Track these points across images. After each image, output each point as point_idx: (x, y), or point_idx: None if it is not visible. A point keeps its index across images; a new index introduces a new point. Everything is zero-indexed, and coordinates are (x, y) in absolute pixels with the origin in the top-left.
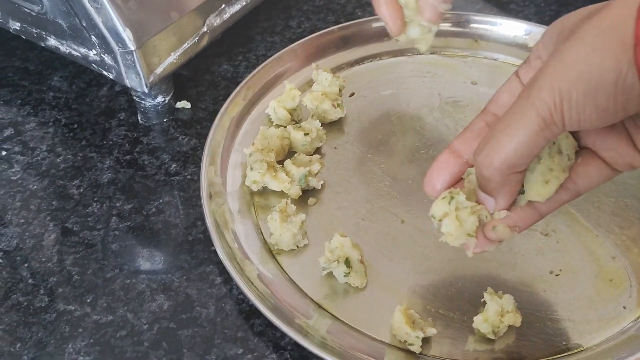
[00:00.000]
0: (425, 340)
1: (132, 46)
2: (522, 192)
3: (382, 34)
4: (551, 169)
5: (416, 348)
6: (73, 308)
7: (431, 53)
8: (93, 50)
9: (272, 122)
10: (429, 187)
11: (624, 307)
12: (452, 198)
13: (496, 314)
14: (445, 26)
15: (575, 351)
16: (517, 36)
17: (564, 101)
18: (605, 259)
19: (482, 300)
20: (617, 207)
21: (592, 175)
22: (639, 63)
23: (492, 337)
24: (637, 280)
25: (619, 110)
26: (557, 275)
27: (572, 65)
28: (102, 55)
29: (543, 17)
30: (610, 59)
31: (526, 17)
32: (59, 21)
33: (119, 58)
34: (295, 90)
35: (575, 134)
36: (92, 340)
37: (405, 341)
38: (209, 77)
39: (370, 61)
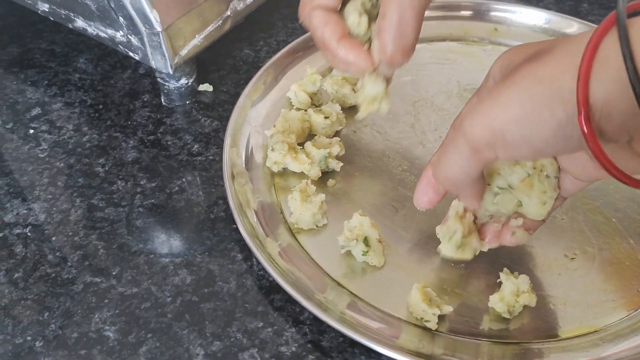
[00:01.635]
0: (441, 318)
1: (158, 27)
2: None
3: None
4: (544, 191)
5: (432, 325)
6: (99, 280)
7: (450, 40)
8: (120, 31)
9: (293, 105)
10: (418, 203)
11: (638, 291)
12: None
13: (512, 293)
14: (466, 14)
15: (588, 332)
16: (537, 25)
17: (497, 139)
18: (620, 243)
19: (497, 280)
20: (634, 193)
21: (568, 187)
22: (582, 125)
23: (507, 316)
24: None
25: (556, 151)
26: (572, 258)
27: (507, 107)
28: (129, 36)
29: (563, 6)
30: (547, 110)
31: (546, 7)
32: (88, 2)
33: (145, 39)
34: (316, 74)
35: None
36: (117, 311)
37: (421, 318)
38: (230, 62)
39: None
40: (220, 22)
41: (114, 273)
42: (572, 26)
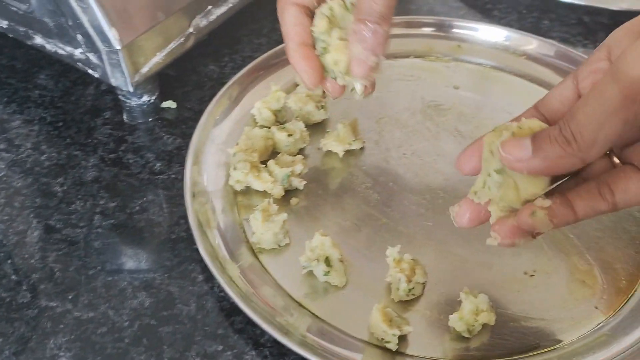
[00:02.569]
0: (402, 339)
1: (117, 45)
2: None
3: None
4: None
5: (392, 346)
6: (55, 304)
7: (415, 57)
8: (79, 49)
9: (257, 122)
10: (459, 166)
11: (596, 307)
12: None
13: (471, 312)
14: (429, 31)
15: (547, 349)
16: (498, 42)
17: None
18: (578, 261)
19: (458, 299)
20: None
21: (631, 190)
22: None
23: (467, 335)
24: (609, 282)
25: None
26: (531, 275)
27: None
28: (87, 54)
29: (524, 23)
30: None
31: (508, 24)
32: (46, 20)
33: (104, 57)
34: (280, 92)
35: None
36: (73, 336)
37: (382, 339)
38: (195, 78)
39: None
40: (183, 39)
41: (70, 297)
42: (532, 43)
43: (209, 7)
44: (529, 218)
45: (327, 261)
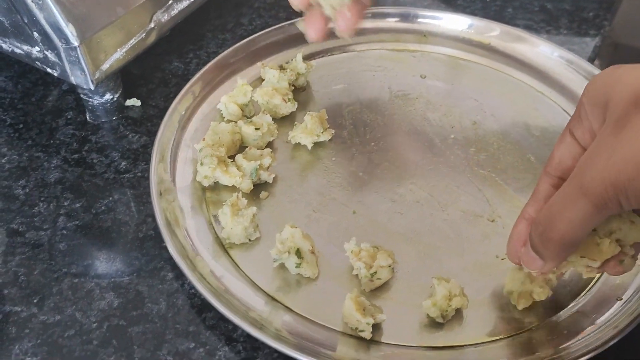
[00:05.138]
0: (376, 327)
1: (75, 42)
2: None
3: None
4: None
5: (367, 334)
6: (19, 309)
7: (382, 48)
8: (36, 47)
9: (224, 117)
10: (514, 258)
11: (567, 288)
12: None
13: (444, 298)
14: (394, 21)
15: (519, 332)
16: (463, 30)
17: (620, 195)
18: None
19: (430, 286)
20: None
21: None
22: None
23: (440, 320)
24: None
25: None
26: (502, 259)
27: (628, 161)
28: (45, 52)
29: (489, 12)
30: None
31: (472, 12)
32: (0, 18)
33: (62, 54)
34: (247, 85)
35: None
36: (39, 341)
37: (356, 328)
38: (159, 75)
39: (322, 56)
40: (144, 34)
41: (35, 301)
42: (495, 30)
43: (171, 1)
44: (618, 266)
45: (298, 253)
